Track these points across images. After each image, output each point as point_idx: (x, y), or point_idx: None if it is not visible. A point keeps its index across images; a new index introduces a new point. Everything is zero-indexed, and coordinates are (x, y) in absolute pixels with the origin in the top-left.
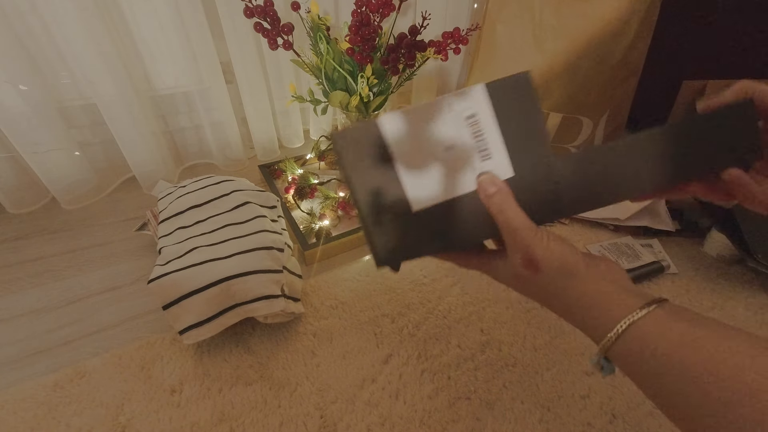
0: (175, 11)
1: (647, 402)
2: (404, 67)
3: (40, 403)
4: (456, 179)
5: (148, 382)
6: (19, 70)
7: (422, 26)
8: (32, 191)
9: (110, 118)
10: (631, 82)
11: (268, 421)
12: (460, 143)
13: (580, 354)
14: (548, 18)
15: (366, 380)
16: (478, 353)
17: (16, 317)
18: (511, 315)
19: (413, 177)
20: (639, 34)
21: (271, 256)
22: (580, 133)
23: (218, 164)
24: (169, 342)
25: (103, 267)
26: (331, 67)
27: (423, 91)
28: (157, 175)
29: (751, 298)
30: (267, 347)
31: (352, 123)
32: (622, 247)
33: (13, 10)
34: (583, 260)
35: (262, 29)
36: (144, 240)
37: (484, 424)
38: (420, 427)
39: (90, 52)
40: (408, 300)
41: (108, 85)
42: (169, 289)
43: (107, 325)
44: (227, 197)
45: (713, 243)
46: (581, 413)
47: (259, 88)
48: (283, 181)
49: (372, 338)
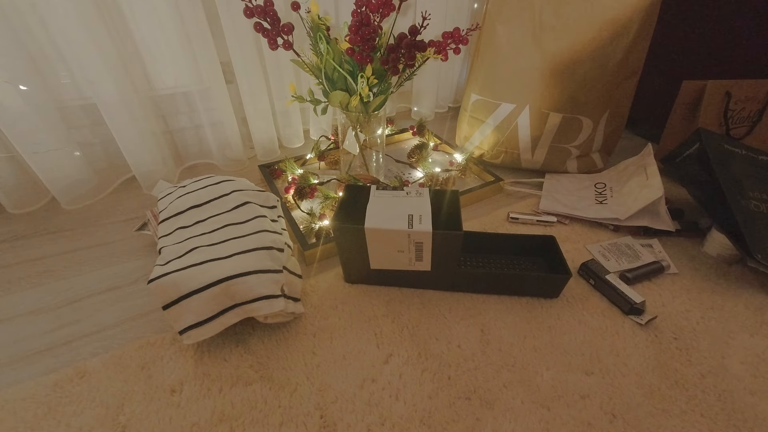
0: (175, 11)
1: (647, 402)
2: (404, 67)
3: (40, 403)
4: (399, 263)
5: (148, 382)
6: (19, 70)
7: (422, 26)
8: (32, 191)
9: (110, 118)
10: (631, 82)
11: (268, 421)
12: (406, 251)
13: (580, 354)
14: (548, 18)
15: (366, 380)
16: (478, 353)
17: (16, 317)
18: (511, 315)
19: (375, 255)
20: (639, 34)
21: (271, 256)
22: (580, 133)
23: (218, 164)
24: (169, 342)
25: (103, 267)
26: (331, 67)
27: (423, 90)
28: (157, 175)
29: (751, 298)
30: (267, 347)
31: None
32: (622, 247)
33: (13, 10)
34: None
35: (262, 29)
36: (144, 240)
37: (484, 424)
38: (420, 427)
39: (90, 52)
40: (408, 300)
41: (108, 85)
42: (169, 289)
43: (107, 325)
44: (227, 197)
45: (713, 243)
46: (581, 413)
47: (259, 88)
48: (283, 181)
49: (372, 338)
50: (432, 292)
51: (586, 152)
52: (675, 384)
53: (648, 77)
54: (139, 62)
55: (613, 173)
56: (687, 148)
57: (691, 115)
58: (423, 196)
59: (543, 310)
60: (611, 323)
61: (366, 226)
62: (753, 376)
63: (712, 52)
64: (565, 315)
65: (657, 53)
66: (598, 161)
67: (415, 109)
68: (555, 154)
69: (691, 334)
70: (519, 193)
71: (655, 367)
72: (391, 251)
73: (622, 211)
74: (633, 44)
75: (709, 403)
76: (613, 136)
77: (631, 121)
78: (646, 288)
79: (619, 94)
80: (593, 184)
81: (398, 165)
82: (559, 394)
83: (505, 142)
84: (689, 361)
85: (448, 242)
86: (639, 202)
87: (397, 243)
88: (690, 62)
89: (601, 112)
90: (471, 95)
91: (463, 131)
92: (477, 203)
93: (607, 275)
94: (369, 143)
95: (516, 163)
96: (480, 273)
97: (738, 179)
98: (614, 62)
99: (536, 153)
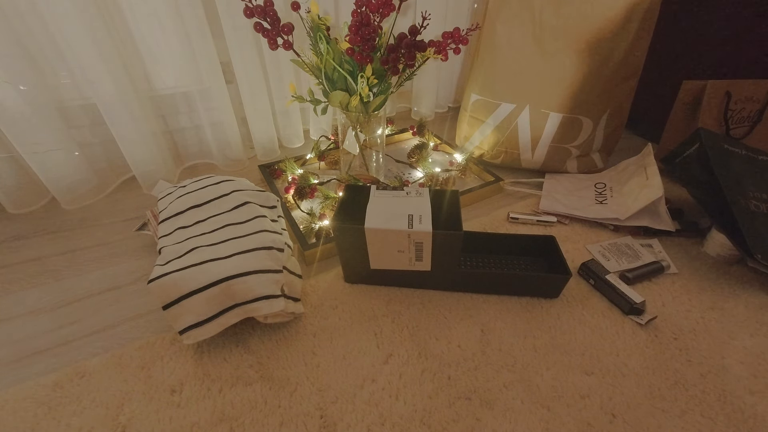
0: (175, 11)
1: (647, 402)
2: (404, 67)
3: (40, 403)
4: (398, 263)
5: (148, 382)
6: (19, 70)
7: (422, 26)
8: (32, 191)
9: (110, 118)
10: (631, 82)
11: (268, 421)
12: (406, 251)
13: (580, 354)
14: (548, 18)
15: (366, 380)
16: (478, 353)
17: (16, 317)
18: (511, 315)
19: (375, 255)
20: (639, 34)
21: (271, 256)
22: (580, 133)
23: (218, 164)
24: (169, 342)
25: (103, 267)
26: (331, 67)
27: (423, 90)
28: (157, 175)
29: (751, 298)
30: (267, 347)
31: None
32: (622, 247)
33: (13, 10)
34: None
35: (262, 29)
36: (144, 240)
37: (484, 424)
38: (420, 427)
39: (90, 52)
40: (408, 300)
41: (108, 85)
42: (169, 289)
43: (107, 325)
44: (227, 197)
45: (713, 243)
46: (581, 413)
47: (259, 88)
48: (283, 181)
49: (372, 338)
50: (432, 292)
51: (586, 152)
52: (675, 384)
53: (648, 77)
54: (139, 62)
55: (613, 173)
56: (687, 148)
57: (691, 115)
58: (423, 196)
59: (543, 310)
60: (611, 323)
61: (366, 226)
62: (753, 376)
63: (712, 52)
64: (565, 315)
65: (657, 53)
66: (598, 161)
67: (415, 109)
68: (555, 154)
69: (691, 334)
70: (519, 193)
71: (655, 367)
72: (391, 251)
73: (622, 211)
74: (633, 44)
75: (709, 403)
76: (613, 136)
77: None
78: (646, 288)
79: (619, 94)
80: (593, 184)
81: (398, 165)
82: (559, 394)
83: (505, 142)
84: (689, 361)
85: (448, 242)
86: (639, 202)
87: (397, 243)
88: (690, 62)
89: (601, 112)
90: (471, 95)
91: (463, 131)
92: (477, 203)
93: (607, 275)
94: (369, 143)
95: (516, 163)
96: (480, 273)
97: (738, 179)
98: (614, 62)
99: (536, 153)
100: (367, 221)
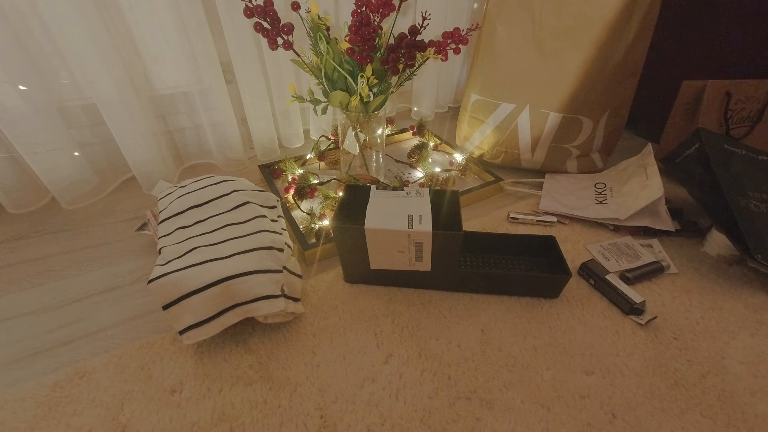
0: (175, 11)
1: (647, 402)
2: (404, 67)
3: (40, 403)
4: (398, 263)
5: (148, 382)
6: (19, 70)
7: (422, 26)
8: (32, 191)
9: (110, 118)
10: (631, 82)
11: (268, 421)
12: (406, 251)
13: (580, 354)
14: (548, 18)
15: (366, 380)
16: (478, 353)
17: (16, 317)
18: (511, 315)
19: (375, 256)
20: (639, 35)
21: (271, 256)
22: (580, 133)
23: (218, 164)
24: (169, 342)
25: (103, 267)
26: (331, 67)
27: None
28: (157, 175)
29: (751, 298)
30: (267, 347)
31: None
32: (622, 247)
33: (13, 10)
34: None
35: (262, 29)
36: (144, 240)
37: (484, 424)
38: (420, 426)
39: (90, 52)
40: (408, 300)
41: (108, 85)
42: (169, 289)
43: (107, 325)
44: (227, 197)
45: (713, 243)
46: (581, 413)
47: (259, 88)
48: (283, 181)
49: (372, 338)
50: (432, 292)
51: (586, 152)
52: (675, 384)
53: (648, 77)
54: (139, 62)
55: (613, 173)
56: (687, 148)
57: (691, 115)
58: (423, 196)
59: (543, 310)
60: (611, 323)
61: (366, 226)
62: (753, 376)
63: (712, 52)
64: (565, 315)
65: (657, 53)
66: (598, 161)
67: (415, 109)
68: (555, 154)
69: (691, 334)
70: (519, 193)
71: (655, 367)
72: (391, 251)
73: (622, 211)
74: (633, 44)
75: (709, 403)
76: (613, 136)
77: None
78: (646, 288)
79: (619, 94)
80: (593, 184)
81: (398, 165)
82: (559, 394)
83: (505, 142)
84: (689, 361)
85: (448, 242)
86: (639, 202)
87: (397, 243)
88: (690, 62)
89: (601, 112)
90: (471, 95)
91: (463, 131)
92: (477, 203)
93: (607, 275)
94: (369, 143)
95: (516, 163)
96: (480, 273)
97: (738, 179)
98: (614, 62)
99: (536, 153)
100: (367, 221)
